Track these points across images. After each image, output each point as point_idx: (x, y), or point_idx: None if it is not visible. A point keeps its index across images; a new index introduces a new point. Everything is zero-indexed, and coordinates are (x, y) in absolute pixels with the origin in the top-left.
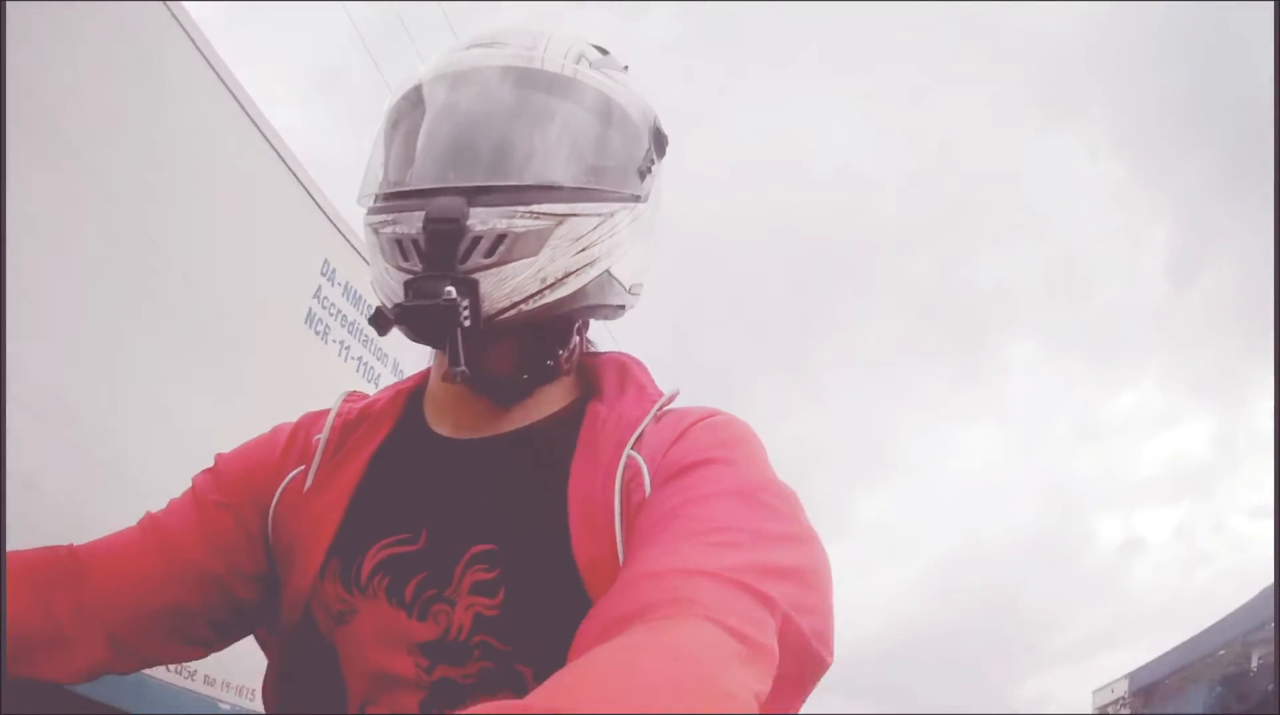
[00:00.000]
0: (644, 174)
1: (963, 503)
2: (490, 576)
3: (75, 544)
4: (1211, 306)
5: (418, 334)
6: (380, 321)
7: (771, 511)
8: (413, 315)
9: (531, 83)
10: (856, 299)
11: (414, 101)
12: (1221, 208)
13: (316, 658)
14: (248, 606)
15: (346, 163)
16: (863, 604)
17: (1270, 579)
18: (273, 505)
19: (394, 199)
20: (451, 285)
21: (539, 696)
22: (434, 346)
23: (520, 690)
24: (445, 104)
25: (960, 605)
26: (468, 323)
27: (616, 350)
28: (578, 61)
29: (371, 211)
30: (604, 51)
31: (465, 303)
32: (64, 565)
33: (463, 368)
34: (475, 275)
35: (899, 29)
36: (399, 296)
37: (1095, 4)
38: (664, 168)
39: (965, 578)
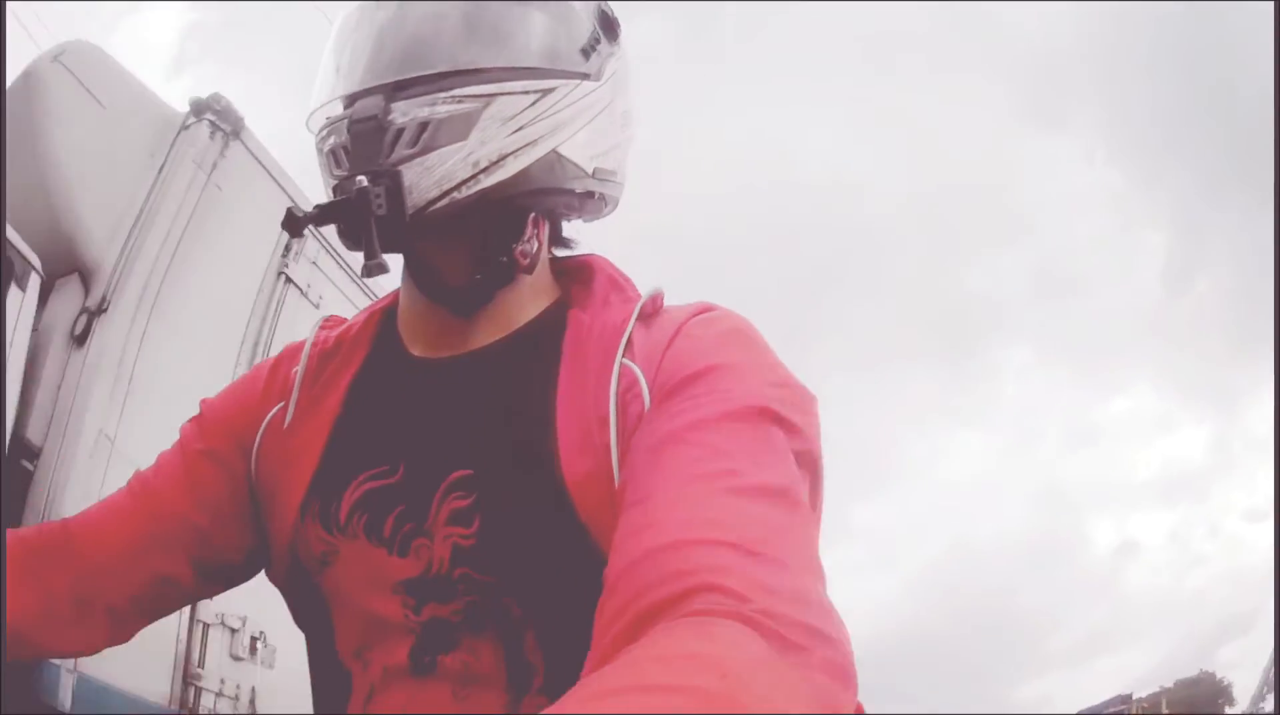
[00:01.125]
0: (588, 51)
1: (957, 507)
2: (465, 504)
3: (68, 518)
4: (1206, 312)
5: (343, 234)
6: (291, 223)
7: (778, 430)
8: (329, 212)
9: None
10: (850, 303)
11: (342, 30)
12: (1218, 215)
13: (311, 603)
14: (240, 555)
15: None
16: (857, 608)
17: (1260, 583)
18: (255, 445)
19: (328, 116)
20: (372, 179)
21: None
22: (360, 247)
23: (506, 626)
24: (364, 23)
25: (955, 609)
26: (382, 211)
27: (589, 253)
28: None
29: (317, 133)
30: None
31: (378, 191)
32: (58, 542)
33: (378, 259)
34: (400, 167)
35: (894, 33)
36: None
37: (1092, 9)
38: (626, 53)
39: (960, 581)
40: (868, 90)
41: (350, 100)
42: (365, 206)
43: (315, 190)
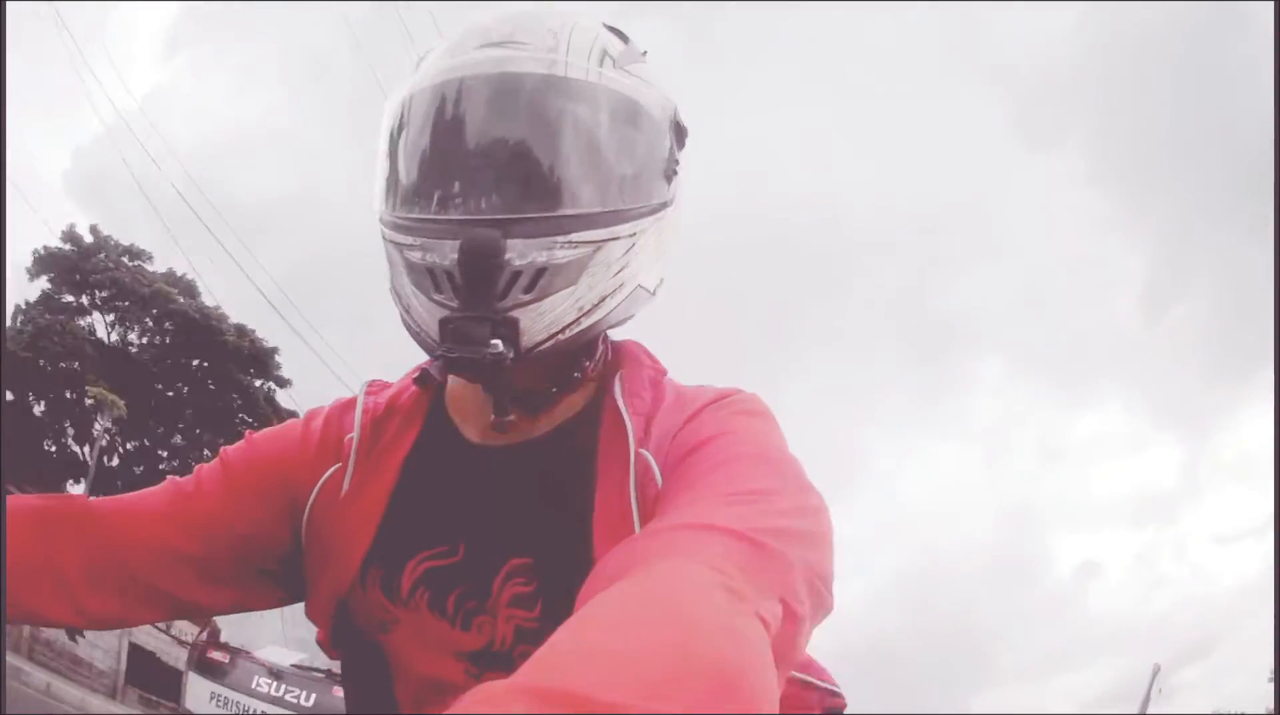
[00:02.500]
0: (670, 177)
1: (922, 517)
2: (528, 590)
3: (89, 497)
4: (1181, 340)
5: (460, 376)
6: (425, 380)
7: (774, 474)
8: (457, 366)
9: (557, 92)
10: (826, 312)
11: (427, 107)
12: (1201, 245)
13: (365, 656)
14: (264, 581)
15: (330, 148)
16: None
17: (1224, 608)
18: (310, 503)
19: (420, 222)
20: (492, 329)
21: (531, 669)
22: (470, 377)
23: None
24: (466, 116)
25: (917, 618)
26: (509, 369)
27: (625, 339)
28: (601, 62)
29: (393, 228)
30: (623, 38)
31: (510, 354)
32: (72, 513)
33: (510, 418)
34: (514, 312)
35: (881, 43)
36: (432, 330)
37: (1088, 34)
38: (684, 159)
39: (923, 592)
40: (859, 103)
41: (458, 225)
42: (501, 374)
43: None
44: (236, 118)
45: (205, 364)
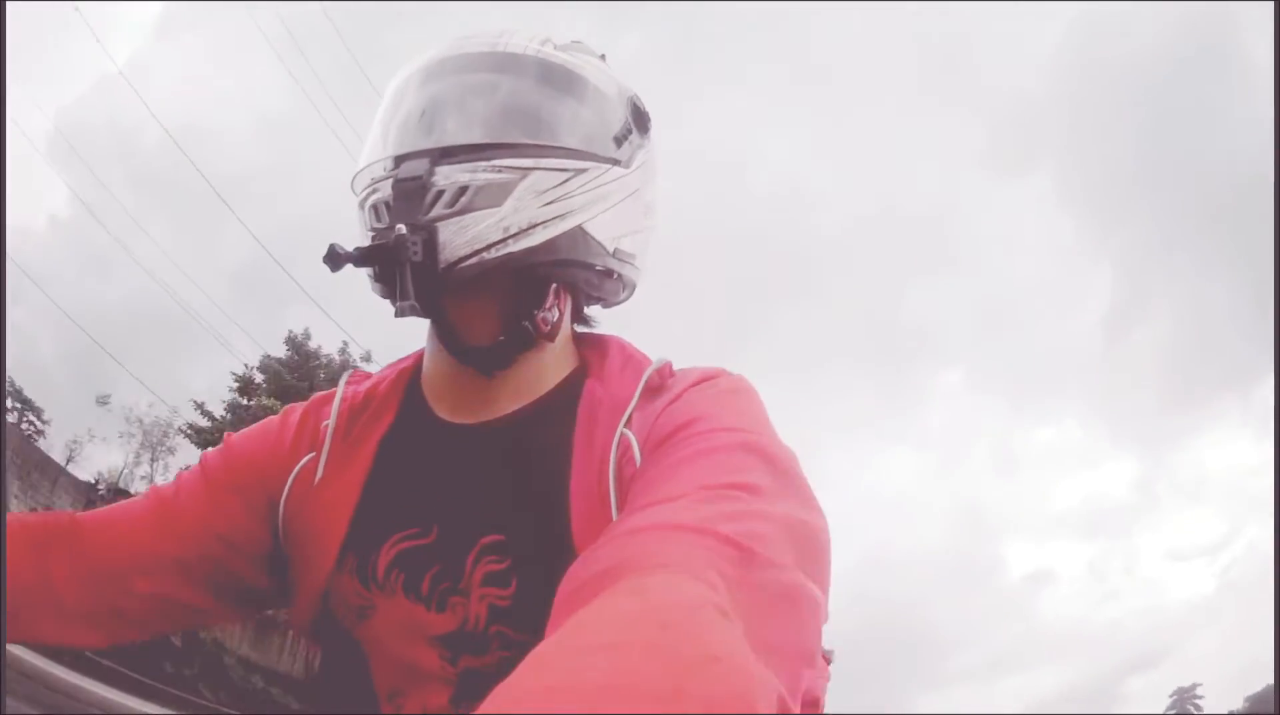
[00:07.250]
0: (620, 140)
1: (876, 520)
2: (501, 567)
3: (77, 512)
4: (1141, 363)
5: (376, 276)
6: (333, 258)
7: (761, 465)
8: (368, 255)
9: (495, 63)
10: (790, 311)
11: (389, 93)
12: (1162, 271)
13: (342, 649)
14: (251, 585)
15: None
16: None
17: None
18: (284, 494)
19: (373, 177)
20: (406, 228)
21: (503, 704)
22: (393, 292)
23: None
24: (414, 87)
25: (864, 617)
26: (418, 258)
27: (609, 333)
28: (542, 44)
29: (358, 189)
30: (576, 42)
31: (415, 239)
32: (62, 529)
33: (411, 302)
34: (437, 224)
35: (863, 62)
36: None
37: (1065, 62)
38: (654, 145)
39: (872, 591)
40: (836, 113)
41: (397, 162)
42: (402, 252)
43: None
44: (217, 89)
45: None
